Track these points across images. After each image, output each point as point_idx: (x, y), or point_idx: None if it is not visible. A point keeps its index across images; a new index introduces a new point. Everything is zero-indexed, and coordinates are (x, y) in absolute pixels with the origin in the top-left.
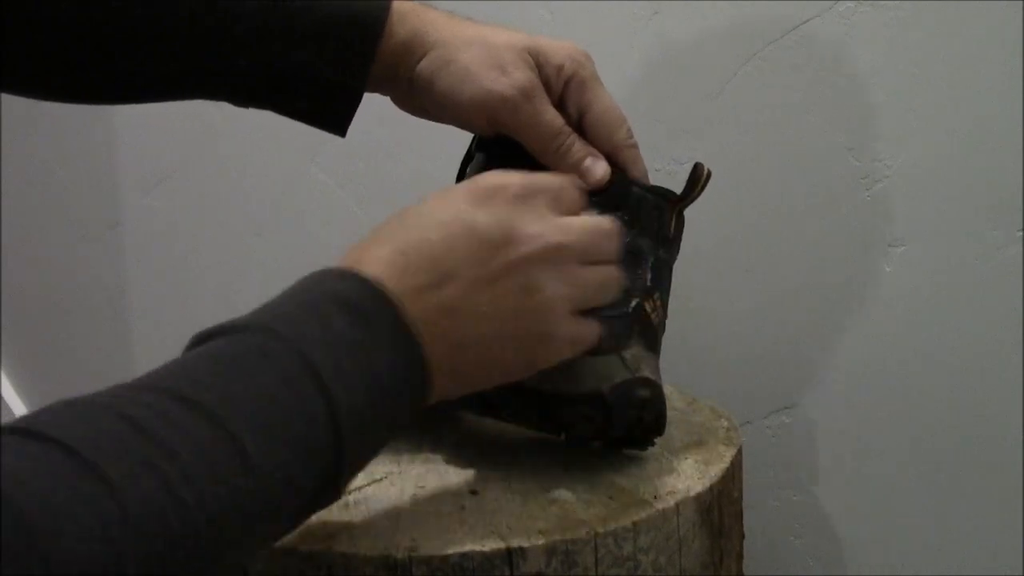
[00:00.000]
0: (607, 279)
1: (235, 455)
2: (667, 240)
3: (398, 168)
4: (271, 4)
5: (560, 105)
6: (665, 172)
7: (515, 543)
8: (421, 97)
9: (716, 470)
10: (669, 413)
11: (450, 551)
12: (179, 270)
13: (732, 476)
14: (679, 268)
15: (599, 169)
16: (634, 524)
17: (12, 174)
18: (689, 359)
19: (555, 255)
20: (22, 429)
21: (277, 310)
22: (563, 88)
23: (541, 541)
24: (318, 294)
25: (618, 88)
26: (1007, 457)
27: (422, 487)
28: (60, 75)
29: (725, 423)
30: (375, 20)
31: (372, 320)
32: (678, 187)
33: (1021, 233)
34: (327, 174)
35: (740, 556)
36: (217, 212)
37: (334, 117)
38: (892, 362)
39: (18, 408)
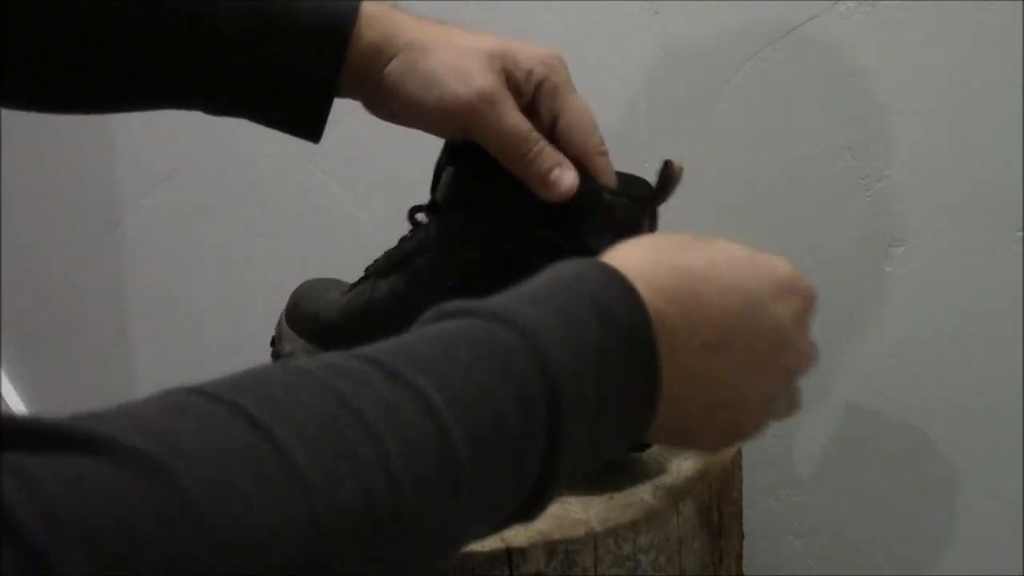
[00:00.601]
0: (797, 408)
1: (442, 444)
2: None
3: (398, 168)
4: (241, 9)
5: (532, 111)
6: None
7: (515, 543)
8: (390, 101)
9: (716, 470)
10: None
11: None
12: (179, 270)
13: (731, 476)
14: None
15: (567, 179)
16: (634, 524)
17: (12, 174)
18: None
19: (800, 374)
20: (210, 394)
21: (527, 299)
22: (534, 93)
23: (541, 541)
24: (584, 292)
25: (618, 88)
26: (1007, 457)
27: None
28: (36, 82)
29: None
30: (344, 23)
31: (628, 339)
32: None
33: (1021, 233)
34: (327, 174)
35: (740, 556)
36: (217, 212)
37: (308, 123)
38: (892, 362)
39: (18, 408)
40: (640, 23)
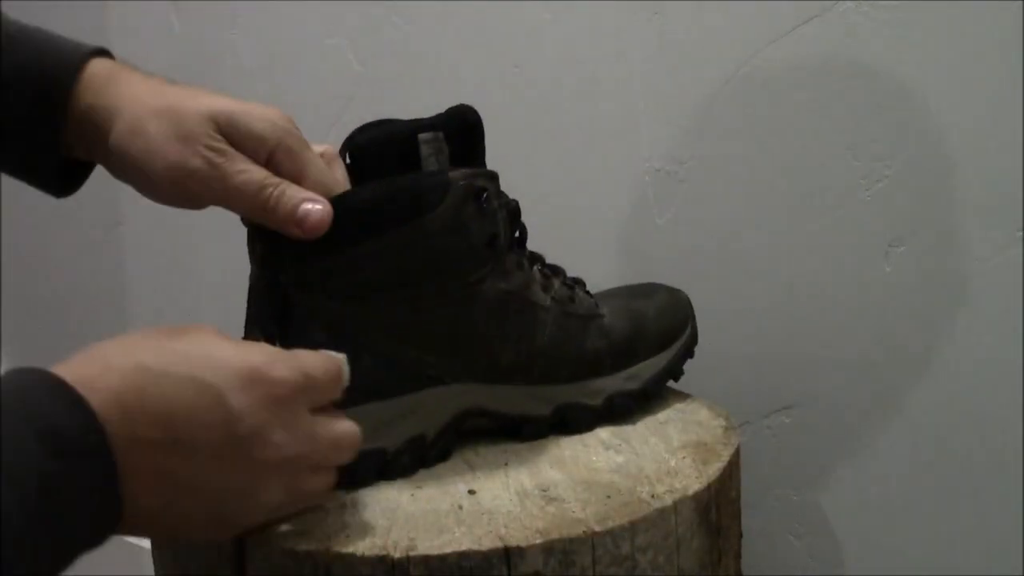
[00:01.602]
0: (324, 486)
1: None
2: None
3: None
4: None
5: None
6: (665, 172)
7: (513, 543)
8: (124, 170)
9: (714, 469)
10: (667, 412)
11: (448, 551)
12: (179, 270)
13: (730, 475)
14: (679, 268)
15: (316, 212)
16: (632, 523)
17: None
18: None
19: (293, 464)
20: None
21: None
22: (269, 158)
23: (539, 541)
24: (23, 412)
25: (618, 88)
26: (1007, 457)
27: (420, 487)
28: None
29: (723, 422)
30: (62, 80)
31: (80, 457)
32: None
33: (1021, 233)
34: None
35: (738, 555)
36: (217, 212)
37: (44, 177)
38: (892, 362)
39: None
40: (640, 23)
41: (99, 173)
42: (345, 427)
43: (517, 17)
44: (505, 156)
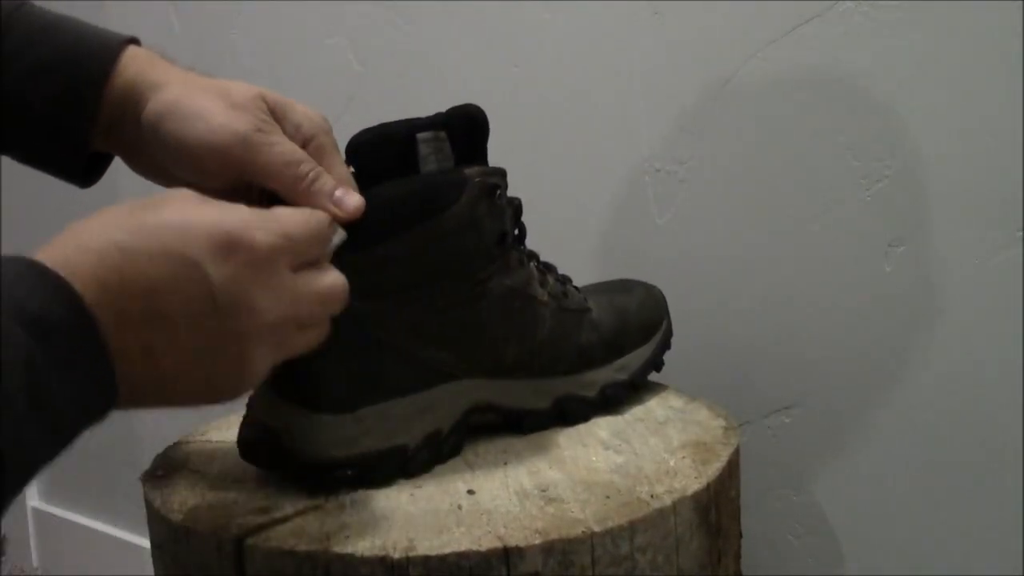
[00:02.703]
0: (316, 340)
1: None
2: None
3: None
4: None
5: None
6: (665, 172)
7: (512, 543)
8: (149, 145)
9: (713, 469)
10: (666, 412)
11: (447, 551)
12: None
13: (730, 475)
14: (679, 268)
15: (352, 199)
16: (631, 524)
17: (12, 174)
18: (689, 359)
19: (279, 327)
20: None
21: None
22: (302, 148)
23: (538, 541)
24: (8, 302)
25: (618, 88)
26: (1007, 457)
27: (419, 487)
28: None
29: (723, 422)
30: (103, 59)
31: (69, 340)
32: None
33: (1021, 233)
34: None
35: (738, 555)
36: None
37: (66, 164)
38: (892, 362)
39: None
40: (640, 23)
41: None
42: (330, 280)
43: (517, 17)
44: (505, 156)
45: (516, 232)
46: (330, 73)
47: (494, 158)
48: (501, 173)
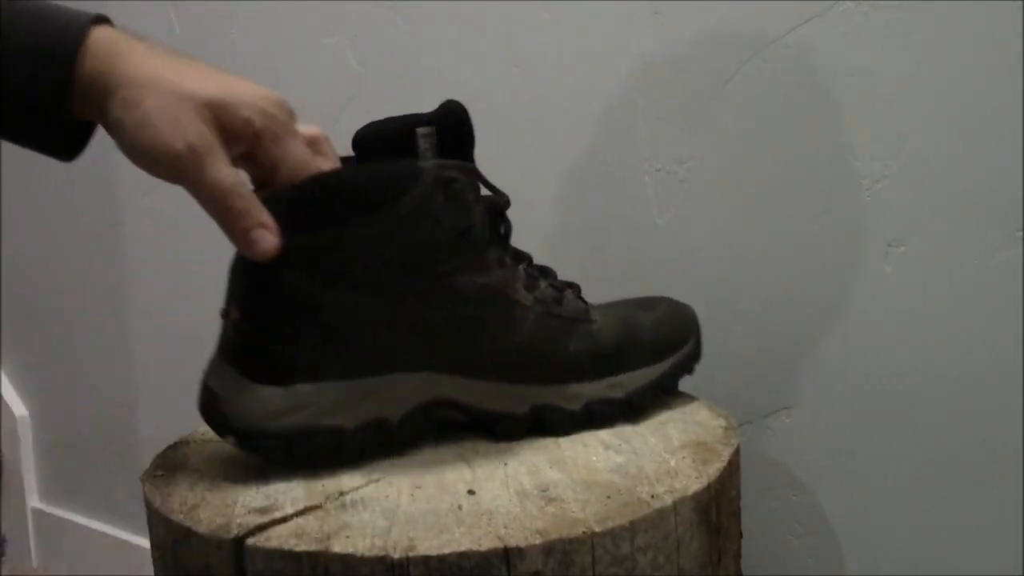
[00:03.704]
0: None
1: None
2: None
3: None
4: None
5: (256, 158)
6: (665, 172)
7: (512, 543)
8: (120, 140)
9: (714, 469)
10: (666, 412)
11: (447, 551)
12: (179, 270)
13: (730, 475)
14: (679, 268)
15: (266, 242)
16: (631, 524)
17: (12, 174)
18: None
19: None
20: None
21: None
22: (256, 142)
23: (538, 541)
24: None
25: (618, 88)
26: (1007, 457)
27: (419, 487)
28: None
29: (723, 422)
30: (66, 52)
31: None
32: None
33: (1021, 233)
34: None
35: (738, 555)
36: None
37: (51, 144)
38: (892, 362)
39: (18, 408)
40: (640, 23)
41: (99, 174)
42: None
43: (517, 17)
44: (505, 156)
45: (502, 231)
46: (330, 73)
47: (493, 157)
48: (465, 169)
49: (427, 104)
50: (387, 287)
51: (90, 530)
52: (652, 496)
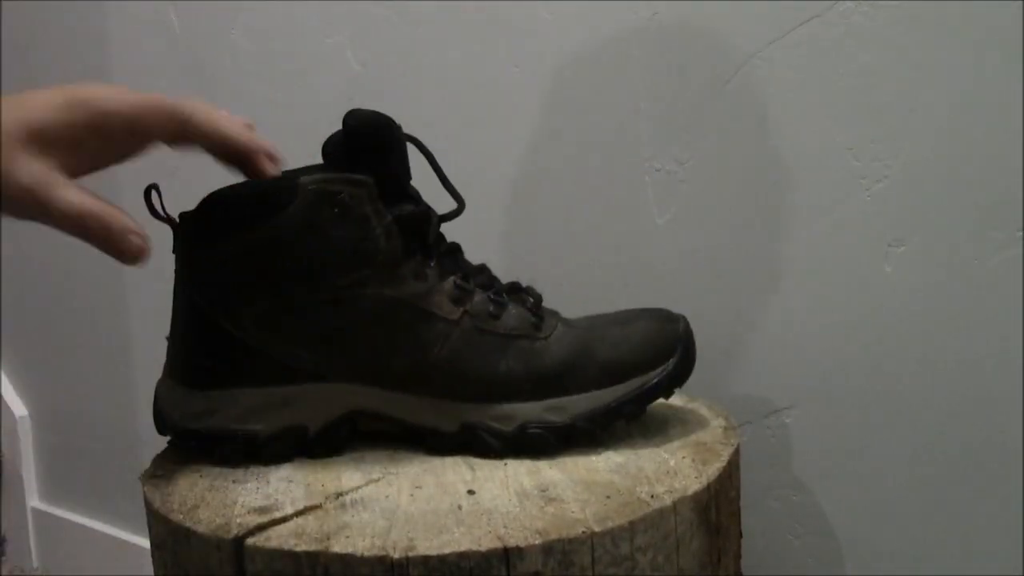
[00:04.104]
0: None
1: None
2: None
3: None
4: None
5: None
6: (665, 172)
7: (512, 543)
8: None
9: (713, 469)
10: (666, 412)
11: (447, 551)
12: None
13: (729, 475)
14: (679, 268)
15: (132, 246)
16: (631, 524)
17: None
18: None
19: None
20: None
21: None
22: (176, 135)
23: (538, 541)
24: None
25: (618, 88)
26: (1007, 457)
27: (419, 487)
28: None
29: (723, 422)
30: None
31: None
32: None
33: (1021, 233)
34: None
35: (738, 555)
36: None
37: None
38: (892, 362)
39: (18, 408)
40: (640, 23)
41: (98, 174)
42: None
43: (517, 17)
44: (505, 156)
45: (429, 242)
46: (330, 73)
47: (493, 157)
48: (355, 182)
49: (427, 104)
50: (289, 300)
51: (90, 530)
52: (652, 496)
